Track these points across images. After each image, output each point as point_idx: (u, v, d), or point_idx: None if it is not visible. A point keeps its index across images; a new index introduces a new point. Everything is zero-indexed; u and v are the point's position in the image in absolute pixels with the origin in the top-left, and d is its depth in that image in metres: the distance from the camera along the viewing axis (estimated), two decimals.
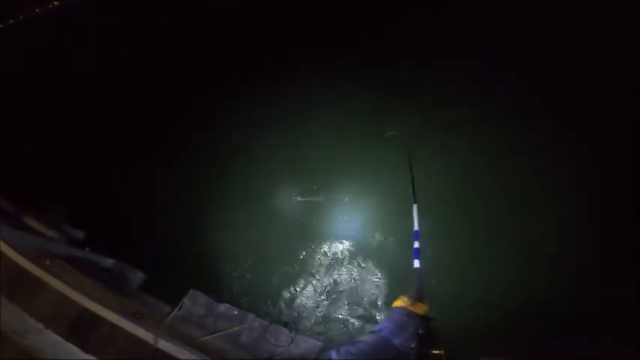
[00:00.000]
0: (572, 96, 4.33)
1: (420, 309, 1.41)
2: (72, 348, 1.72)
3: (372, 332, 1.32)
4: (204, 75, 5.26)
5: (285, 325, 3.22)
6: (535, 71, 4.55)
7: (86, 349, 1.75)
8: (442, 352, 1.38)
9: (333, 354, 1.17)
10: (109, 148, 4.73)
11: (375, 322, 3.36)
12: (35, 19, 6.23)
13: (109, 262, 3.15)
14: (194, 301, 2.92)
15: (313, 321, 3.45)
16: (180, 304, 2.80)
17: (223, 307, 2.94)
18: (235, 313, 2.93)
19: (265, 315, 3.34)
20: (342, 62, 4.92)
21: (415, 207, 2.08)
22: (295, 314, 3.47)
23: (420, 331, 1.33)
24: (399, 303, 1.46)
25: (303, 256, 3.81)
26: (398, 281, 3.49)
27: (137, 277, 3.18)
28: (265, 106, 4.79)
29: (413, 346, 1.28)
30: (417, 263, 1.75)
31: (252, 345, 2.65)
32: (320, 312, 3.48)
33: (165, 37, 5.71)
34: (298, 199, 4.12)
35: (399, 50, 4.91)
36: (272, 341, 2.71)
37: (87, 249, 3.15)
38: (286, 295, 3.60)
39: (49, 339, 1.71)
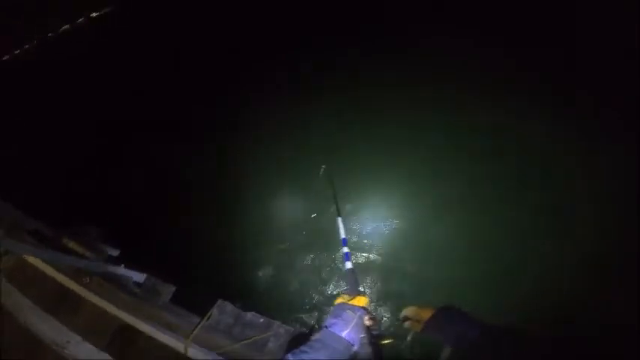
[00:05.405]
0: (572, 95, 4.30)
1: (361, 301, 1.51)
2: (109, 358, 1.86)
3: (321, 329, 1.41)
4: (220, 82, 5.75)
5: (310, 331, 3.27)
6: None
7: None
8: (392, 340, 1.51)
9: (290, 358, 1.25)
10: (139, 164, 5.04)
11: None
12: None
13: (141, 276, 3.33)
14: (222, 311, 3.02)
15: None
16: (209, 314, 2.91)
17: (250, 316, 3.02)
18: (261, 320, 3.00)
19: (290, 322, 3.42)
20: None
21: (339, 219, 2.33)
22: (318, 319, 3.52)
23: (367, 323, 1.43)
24: (340, 300, 1.56)
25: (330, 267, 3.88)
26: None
27: (168, 290, 3.32)
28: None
29: (362, 336, 1.38)
30: (349, 264, 1.92)
31: (278, 351, 2.71)
32: None
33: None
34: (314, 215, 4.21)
35: None
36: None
37: (122, 265, 3.35)
38: (310, 301, 3.66)
39: (87, 348, 1.85)
